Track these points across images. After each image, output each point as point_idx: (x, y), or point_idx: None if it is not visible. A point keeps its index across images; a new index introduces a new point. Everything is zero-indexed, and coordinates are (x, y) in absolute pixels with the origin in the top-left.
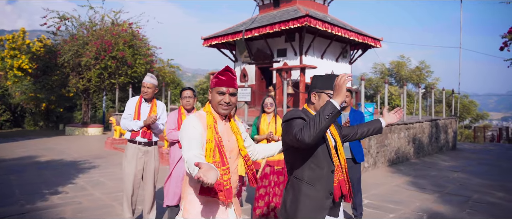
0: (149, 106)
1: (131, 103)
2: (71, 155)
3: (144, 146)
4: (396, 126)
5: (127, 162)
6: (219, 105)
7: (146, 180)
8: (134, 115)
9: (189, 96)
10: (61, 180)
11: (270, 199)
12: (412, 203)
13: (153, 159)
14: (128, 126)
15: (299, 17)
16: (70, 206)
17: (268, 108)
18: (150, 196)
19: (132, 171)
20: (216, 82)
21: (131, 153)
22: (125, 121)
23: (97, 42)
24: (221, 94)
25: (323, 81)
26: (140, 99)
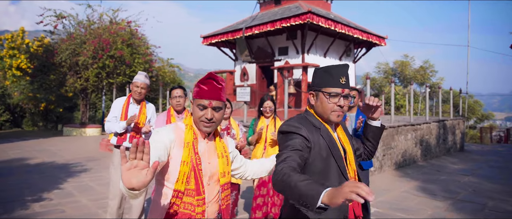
0: (138, 108)
1: (118, 104)
2: (63, 157)
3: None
4: (403, 127)
5: (114, 170)
6: (200, 121)
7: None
8: (120, 117)
9: (179, 96)
10: (48, 184)
11: (269, 210)
12: (423, 211)
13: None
14: (112, 128)
15: (301, 14)
16: (52, 215)
17: (267, 113)
18: (140, 206)
19: (119, 180)
20: (196, 92)
21: (118, 159)
22: (109, 124)
23: (95, 41)
24: (202, 109)
25: (321, 76)
26: (127, 100)
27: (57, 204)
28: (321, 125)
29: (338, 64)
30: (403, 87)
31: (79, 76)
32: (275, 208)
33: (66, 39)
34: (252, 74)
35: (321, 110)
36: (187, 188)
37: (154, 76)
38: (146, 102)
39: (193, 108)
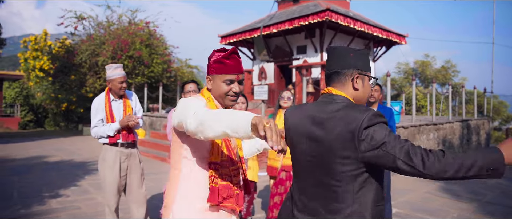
0: (121, 103)
1: (99, 106)
2: (82, 155)
3: (126, 148)
4: (425, 126)
5: (108, 169)
6: (227, 96)
7: (132, 187)
8: (106, 118)
9: (193, 90)
10: (65, 182)
11: None
12: (447, 213)
13: (137, 161)
14: (102, 134)
15: (319, 12)
16: (68, 211)
17: (285, 102)
18: (142, 203)
19: (115, 180)
20: (221, 68)
21: (112, 158)
22: (97, 129)
23: (114, 42)
24: (229, 83)
25: (364, 60)
26: (107, 98)
27: (73, 201)
28: None
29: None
30: (423, 88)
31: (98, 77)
32: None
33: (86, 40)
34: (270, 73)
35: (362, 95)
36: (222, 160)
37: (172, 77)
38: (127, 93)
39: (215, 84)
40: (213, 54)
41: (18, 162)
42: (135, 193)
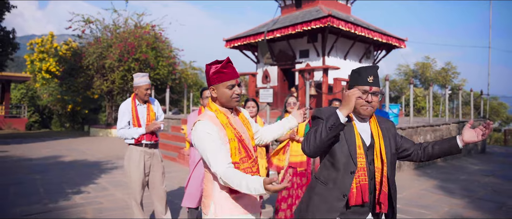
0: (146, 107)
1: (126, 109)
2: (94, 155)
3: (150, 148)
4: (422, 127)
5: (134, 167)
6: (232, 99)
7: (155, 183)
8: (132, 121)
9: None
10: (84, 180)
11: (293, 201)
12: (440, 208)
13: (159, 160)
14: (128, 136)
15: (321, 17)
16: (92, 206)
17: (291, 107)
18: (163, 198)
19: (140, 175)
20: (221, 77)
21: (137, 157)
22: (124, 131)
23: (121, 45)
24: (231, 88)
25: (353, 76)
26: (133, 103)
27: (95, 197)
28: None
29: (368, 65)
30: (424, 89)
31: (105, 79)
32: (299, 199)
33: (93, 43)
34: (273, 76)
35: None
36: (241, 157)
37: (177, 79)
38: (150, 100)
39: (219, 92)
40: (210, 68)
41: (35, 161)
42: (157, 189)
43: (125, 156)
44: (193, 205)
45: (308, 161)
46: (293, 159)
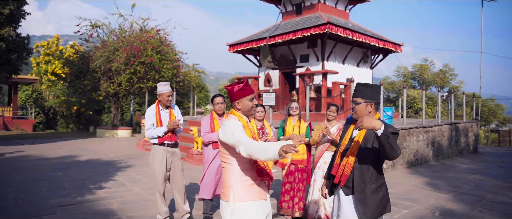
0: (168, 112)
1: (151, 114)
2: (106, 155)
3: (171, 147)
4: (415, 129)
5: (158, 163)
6: (252, 109)
7: (176, 178)
8: (156, 123)
9: (221, 103)
10: (102, 177)
11: (295, 194)
12: (426, 201)
13: (178, 158)
14: (154, 134)
15: (321, 24)
16: (115, 199)
17: (294, 111)
18: (182, 191)
19: (163, 171)
20: (244, 92)
21: (160, 154)
22: (150, 131)
23: (127, 48)
24: (251, 100)
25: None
26: (157, 108)
27: (116, 192)
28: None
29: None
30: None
31: (112, 81)
32: (300, 192)
33: (101, 46)
34: (275, 80)
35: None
36: None
37: (181, 81)
38: (172, 106)
39: (243, 104)
40: (233, 87)
41: (52, 160)
42: (177, 183)
43: (150, 154)
44: (208, 196)
45: (308, 158)
46: (295, 157)
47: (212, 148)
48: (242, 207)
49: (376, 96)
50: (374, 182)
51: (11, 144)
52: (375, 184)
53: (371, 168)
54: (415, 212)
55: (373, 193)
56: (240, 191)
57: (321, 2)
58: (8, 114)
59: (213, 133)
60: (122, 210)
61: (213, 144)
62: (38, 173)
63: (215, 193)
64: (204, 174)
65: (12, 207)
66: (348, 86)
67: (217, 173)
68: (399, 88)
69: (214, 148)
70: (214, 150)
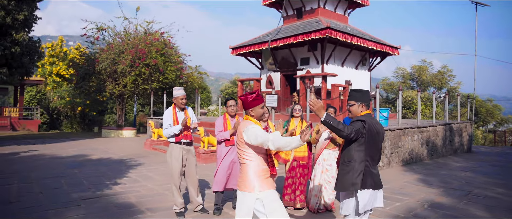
0: (183, 113)
1: (168, 115)
2: (116, 154)
3: (186, 145)
4: (410, 129)
5: (174, 160)
6: (265, 114)
7: (190, 173)
8: (173, 123)
9: (233, 105)
10: (116, 174)
11: (296, 187)
12: (417, 195)
13: (193, 155)
14: (171, 132)
15: (321, 29)
16: (132, 193)
17: (297, 113)
18: (196, 184)
19: (179, 166)
20: (256, 102)
21: (177, 152)
22: (167, 130)
23: (132, 51)
24: (262, 107)
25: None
26: (174, 110)
27: (131, 187)
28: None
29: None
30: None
31: (117, 83)
32: (301, 186)
33: (106, 49)
34: (276, 81)
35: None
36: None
37: (185, 83)
38: (186, 107)
39: (256, 111)
40: (247, 97)
41: (66, 159)
42: (192, 177)
43: (168, 151)
44: (220, 189)
45: (309, 155)
46: (297, 154)
47: (225, 146)
48: (266, 194)
49: (366, 98)
50: (346, 164)
51: (23, 144)
52: (345, 165)
53: (346, 153)
54: (406, 204)
55: (343, 173)
56: (261, 183)
57: (321, 7)
58: (15, 114)
59: (226, 131)
60: (140, 202)
61: (225, 141)
62: (55, 170)
63: (226, 187)
64: (217, 169)
65: (40, 199)
66: (347, 89)
67: (229, 168)
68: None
69: (226, 145)
70: (226, 147)
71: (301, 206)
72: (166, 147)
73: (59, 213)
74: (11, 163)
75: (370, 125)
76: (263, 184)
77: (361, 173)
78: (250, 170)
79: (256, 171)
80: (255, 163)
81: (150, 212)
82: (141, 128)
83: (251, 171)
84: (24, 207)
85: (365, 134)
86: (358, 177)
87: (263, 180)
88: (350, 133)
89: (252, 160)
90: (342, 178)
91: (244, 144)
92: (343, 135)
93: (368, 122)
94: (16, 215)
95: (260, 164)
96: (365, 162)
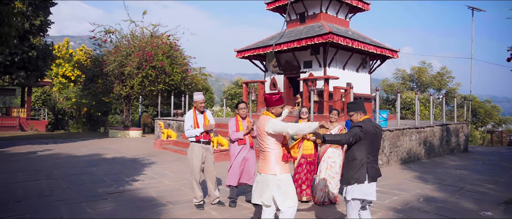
0: (202, 116)
1: (189, 117)
2: (128, 153)
3: (205, 144)
4: (408, 129)
5: (195, 157)
6: (281, 113)
7: (209, 169)
8: (194, 125)
9: (244, 108)
10: (132, 171)
11: (303, 182)
12: (413, 191)
13: (211, 153)
14: (192, 134)
15: (323, 34)
16: (151, 189)
17: (304, 115)
18: (214, 179)
19: (199, 163)
20: (278, 103)
21: (197, 150)
22: (189, 131)
23: (139, 54)
24: (282, 108)
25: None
26: (194, 113)
27: (149, 183)
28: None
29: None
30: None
31: (124, 84)
32: (308, 181)
33: (114, 51)
34: (280, 84)
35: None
36: (284, 143)
37: (190, 84)
38: (205, 110)
39: (276, 109)
40: (271, 96)
41: (82, 158)
42: (210, 173)
43: (189, 150)
44: (234, 183)
45: (315, 153)
46: (305, 151)
47: (237, 144)
48: (286, 177)
49: (361, 107)
50: (349, 162)
51: (37, 143)
52: (348, 163)
53: (349, 153)
54: (403, 198)
55: (346, 169)
56: (282, 168)
57: (323, 12)
58: (23, 115)
59: (239, 132)
60: (160, 196)
61: (238, 141)
62: (75, 168)
63: (239, 181)
64: (231, 166)
65: (69, 193)
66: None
67: (241, 164)
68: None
69: (239, 144)
70: (239, 146)
71: (308, 199)
72: (176, 147)
73: (91, 205)
74: (32, 161)
75: (367, 128)
76: (282, 168)
77: (362, 169)
78: (272, 156)
79: (277, 158)
80: (276, 151)
81: (172, 204)
82: (145, 128)
83: (273, 158)
84: (58, 199)
85: (363, 136)
86: (359, 173)
87: (283, 165)
88: (348, 139)
89: (273, 148)
90: (346, 174)
91: (266, 135)
92: (343, 142)
93: (364, 127)
94: (53, 205)
95: (280, 152)
96: (365, 159)
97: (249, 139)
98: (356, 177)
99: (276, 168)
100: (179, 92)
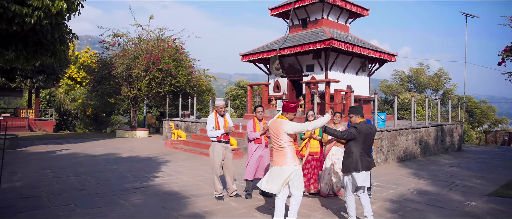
0: (223, 119)
1: (211, 119)
2: (142, 152)
3: (225, 143)
4: (404, 130)
5: (216, 155)
6: (294, 118)
7: (228, 165)
8: (215, 127)
9: (261, 111)
10: (151, 169)
11: (311, 176)
12: (408, 185)
13: (230, 151)
14: (214, 135)
15: (325, 40)
16: (173, 184)
17: (310, 117)
18: (232, 175)
19: (219, 160)
20: (293, 110)
21: (218, 148)
22: (211, 132)
23: (147, 57)
24: (295, 115)
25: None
26: (216, 116)
27: (169, 179)
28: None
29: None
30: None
31: (132, 86)
32: (315, 176)
33: (122, 54)
34: (283, 86)
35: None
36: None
37: (195, 86)
38: (225, 114)
39: (290, 115)
40: (290, 105)
41: (99, 157)
42: (229, 169)
43: (210, 148)
44: (250, 178)
45: (321, 151)
46: (312, 149)
47: (254, 143)
48: (298, 168)
49: (359, 111)
50: (347, 154)
51: (51, 143)
52: (347, 155)
53: (347, 147)
54: (399, 191)
55: (345, 160)
56: (295, 160)
57: (324, 18)
58: (31, 115)
59: (256, 132)
60: (183, 191)
61: (255, 140)
62: (97, 167)
63: (255, 176)
64: (248, 162)
65: (100, 188)
66: (349, 94)
67: (257, 161)
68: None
69: (256, 143)
70: (255, 145)
71: (315, 192)
72: (186, 146)
73: (122, 197)
74: (53, 160)
75: (361, 129)
76: (297, 161)
77: (358, 160)
78: (289, 152)
79: (292, 153)
80: (291, 148)
81: (194, 197)
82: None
83: (289, 153)
84: (92, 193)
85: (357, 135)
86: (355, 162)
87: (296, 159)
88: (343, 135)
89: (289, 145)
90: (345, 163)
91: (284, 134)
92: (339, 137)
93: (359, 127)
94: (89, 198)
95: (294, 148)
96: (360, 152)
97: (264, 139)
98: (353, 166)
99: (292, 160)
100: (184, 94)
